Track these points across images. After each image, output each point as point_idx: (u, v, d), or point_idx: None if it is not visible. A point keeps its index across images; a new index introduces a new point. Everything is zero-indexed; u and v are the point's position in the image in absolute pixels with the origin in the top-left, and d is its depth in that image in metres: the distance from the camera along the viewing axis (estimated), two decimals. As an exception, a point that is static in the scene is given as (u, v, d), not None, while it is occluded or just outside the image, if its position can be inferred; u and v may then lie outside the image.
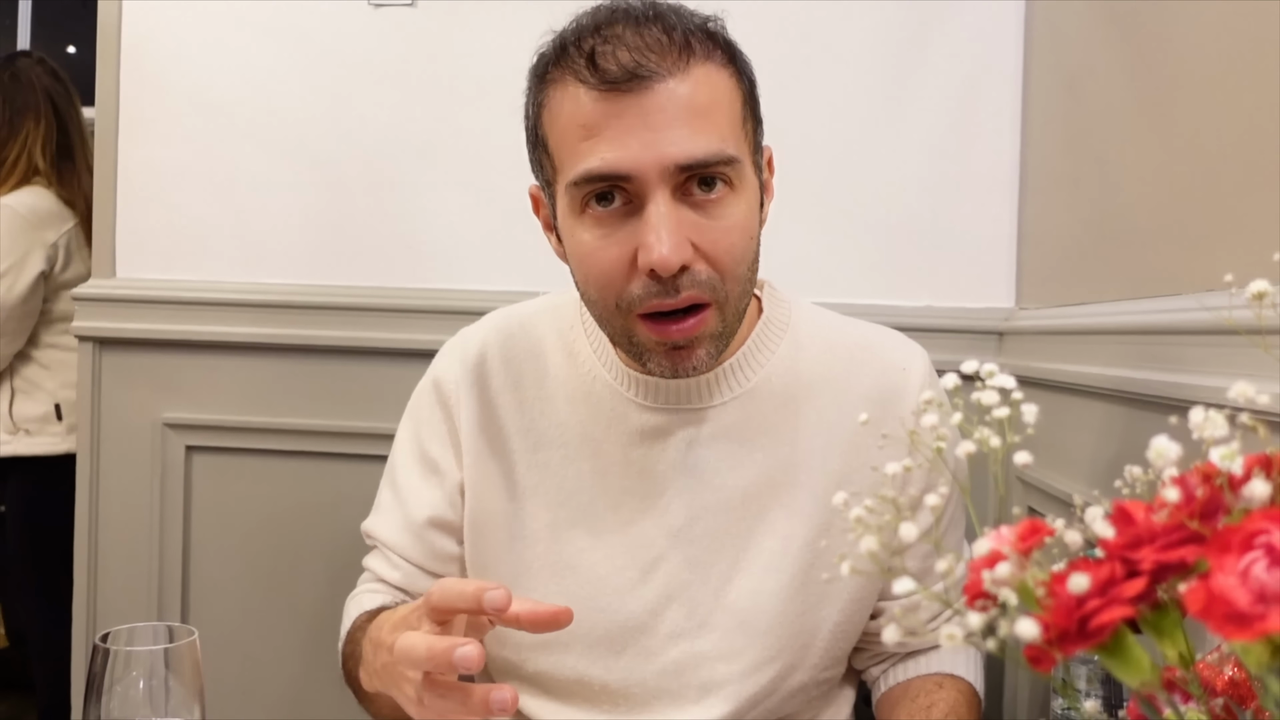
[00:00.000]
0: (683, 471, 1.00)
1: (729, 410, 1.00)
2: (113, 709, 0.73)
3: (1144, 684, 0.38)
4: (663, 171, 0.85)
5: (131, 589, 1.70)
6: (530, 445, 1.03)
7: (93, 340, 1.70)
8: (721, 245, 0.89)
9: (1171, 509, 0.36)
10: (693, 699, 0.99)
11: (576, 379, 1.03)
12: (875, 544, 0.40)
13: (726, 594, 0.99)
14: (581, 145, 0.87)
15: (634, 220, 0.88)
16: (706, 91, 0.87)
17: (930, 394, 1.02)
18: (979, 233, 1.56)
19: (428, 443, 1.06)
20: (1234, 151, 0.94)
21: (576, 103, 0.87)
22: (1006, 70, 1.55)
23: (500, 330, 1.08)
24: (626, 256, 0.88)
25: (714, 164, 0.87)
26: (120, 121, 1.70)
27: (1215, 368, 0.91)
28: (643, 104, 0.85)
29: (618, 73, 0.85)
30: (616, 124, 0.85)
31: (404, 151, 1.65)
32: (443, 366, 1.08)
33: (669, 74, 0.85)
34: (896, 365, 1.04)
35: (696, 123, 0.86)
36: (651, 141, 0.85)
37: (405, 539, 1.06)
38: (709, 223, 0.88)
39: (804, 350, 1.04)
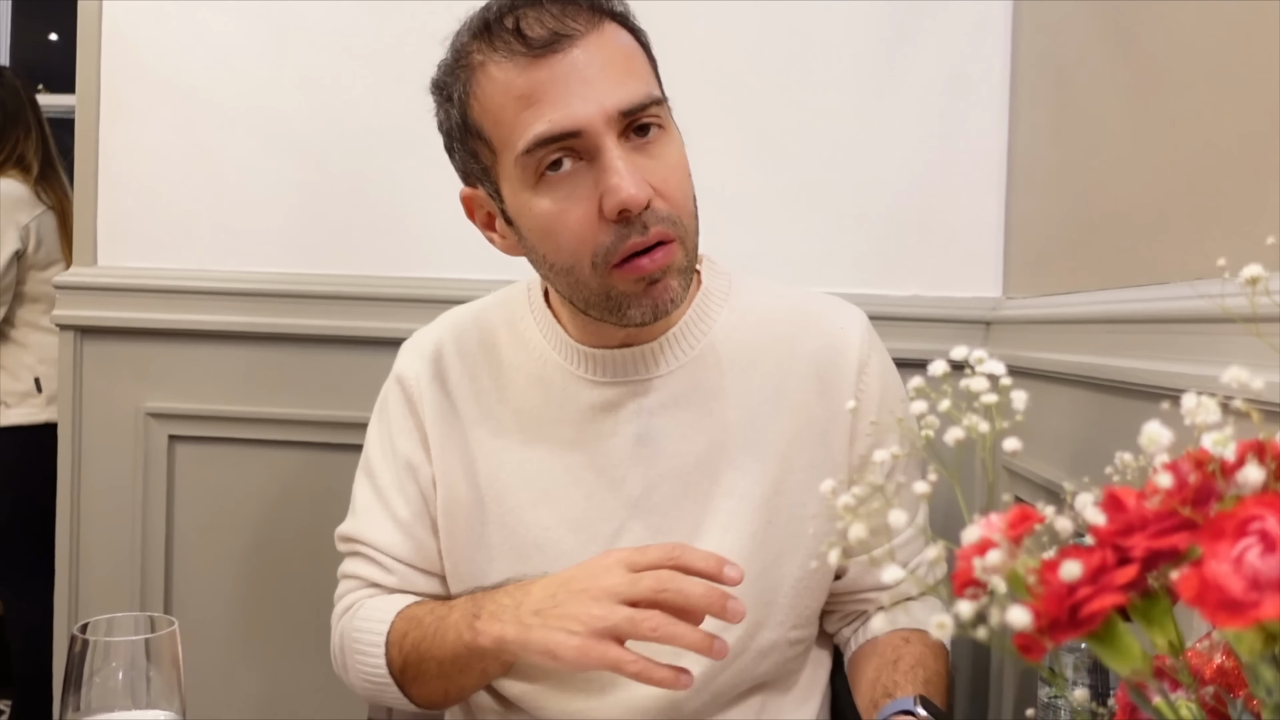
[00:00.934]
0: (636, 442, 1.03)
1: (676, 378, 1.04)
2: (92, 700, 0.72)
3: (1135, 672, 0.38)
4: (607, 119, 0.89)
5: (113, 579, 1.69)
6: (490, 432, 1.06)
7: (74, 329, 1.68)
8: (672, 182, 0.94)
9: (1164, 495, 0.36)
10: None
11: (528, 363, 1.06)
12: (864, 531, 0.39)
13: None
14: (524, 114, 0.90)
15: (590, 175, 0.91)
16: (623, 44, 0.94)
17: (871, 353, 1.05)
18: (966, 223, 1.56)
19: (399, 440, 1.08)
20: (1220, 142, 0.94)
21: (509, 76, 0.91)
22: (994, 62, 1.54)
23: (454, 326, 1.12)
24: (593, 210, 0.91)
25: (648, 105, 0.92)
26: (101, 108, 1.68)
27: (1203, 355, 0.92)
28: (573, 62, 0.89)
29: (546, 36, 0.89)
30: (553, 86, 0.89)
31: (388, 140, 1.64)
32: (404, 365, 1.10)
33: (588, 30, 0.90)
34: (836, 326, 1.08)
35: (623, 72, 0.92)
36: (590, 95, 0.89)
37: (396, 538, 1.07)
38: (654, 163, 0.93)
39: (745, 317, 1.07)
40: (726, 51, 1.57)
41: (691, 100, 1.59)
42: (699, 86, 1.56)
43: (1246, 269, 0.44)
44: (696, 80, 1.56)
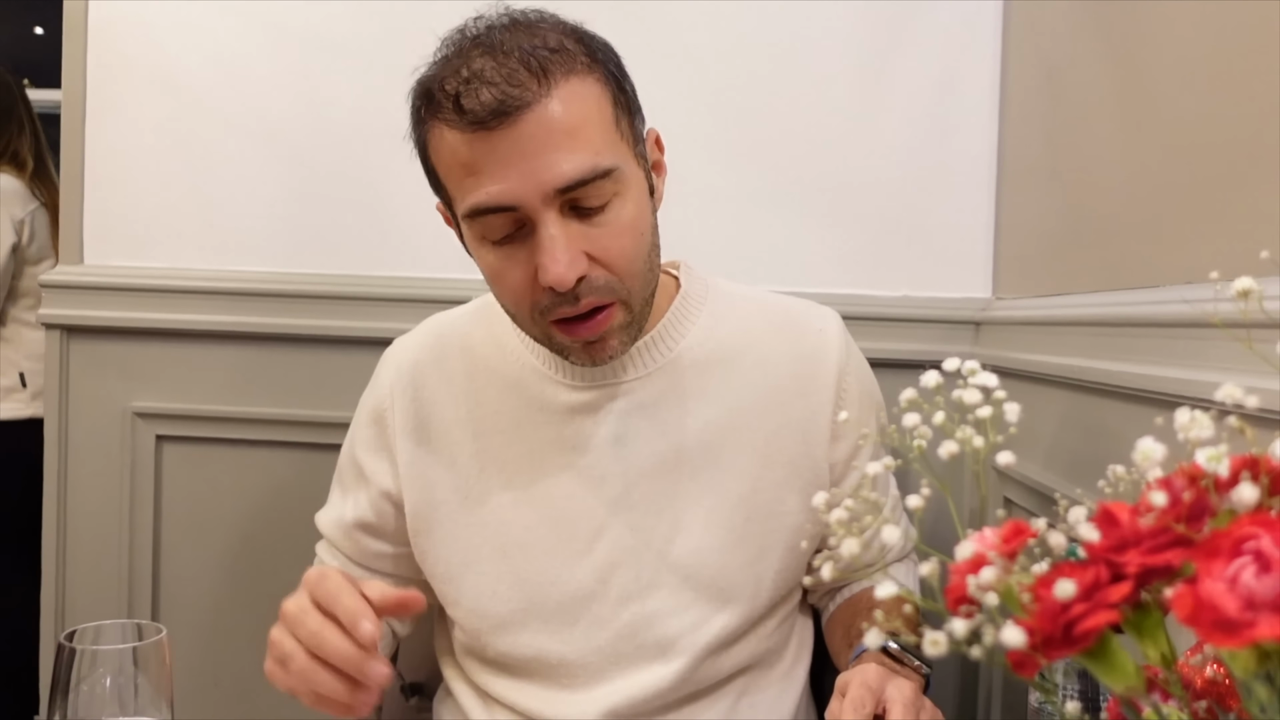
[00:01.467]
0: (615, 443, 1.05)
1: (652, 381, 1.06)
2: (78, 708, 0.72)
3: (1129, 689, 0.38)
4: (544, 196, 0.89)
5: (100, 580, 1.68)
6: (470, 435, 1.07)
7: (60, 328, 1.67)
8: (614, 250, 0.93)
9: (1158, 513, 0.36)
10: (650, 658, 1.03)
11: (506, 367, 1.08)
12: (856, 546, 0.39)
13: (670, 553, 1.04)
14: (466, 181, 0.91)
15: (528, 241, 0.92)
16: (574, 108, 0.89)
17: (849, 354, 1.06)
18: (956, 223, 1.56)
19: (359, 449, 1.12)
20: (1211, 145, 0.94)
21: (452, 144, 0.91)
22: (985, 62, 1.54)
23: (432, 333, 1.14)
24: (529, 275, 0.93)
25: (591, 180, 0.90)
26: (87, 105, 1.66)
27: (1191, 360, 0.92)
28: (513, 135, 0.88)
29: (483, 112, 0.87)
30: (492, 159, 0.89)
31: (377, 138, 1.63)
32: (381, 379, 1.13)
33: (534, 100, 0.87)
34: (814, 328, 1.11)
35: (568, 143, 0.89)
36: (529, 170, 0.88)
37: (338, 535, 1.13)
38: (598, 231, 0.92)
39: (722, 320, 1.09)
40: (714, 51, 1.57)
41: (678, 101, 1.59)
42: (686, 86, 1.56)
43: (1239, 281, 0.44)
44: (683, 80, 1.56)
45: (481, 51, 0.89)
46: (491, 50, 0.89)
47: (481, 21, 0.95)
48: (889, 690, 0.85)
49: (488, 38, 0.91)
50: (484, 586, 1.05)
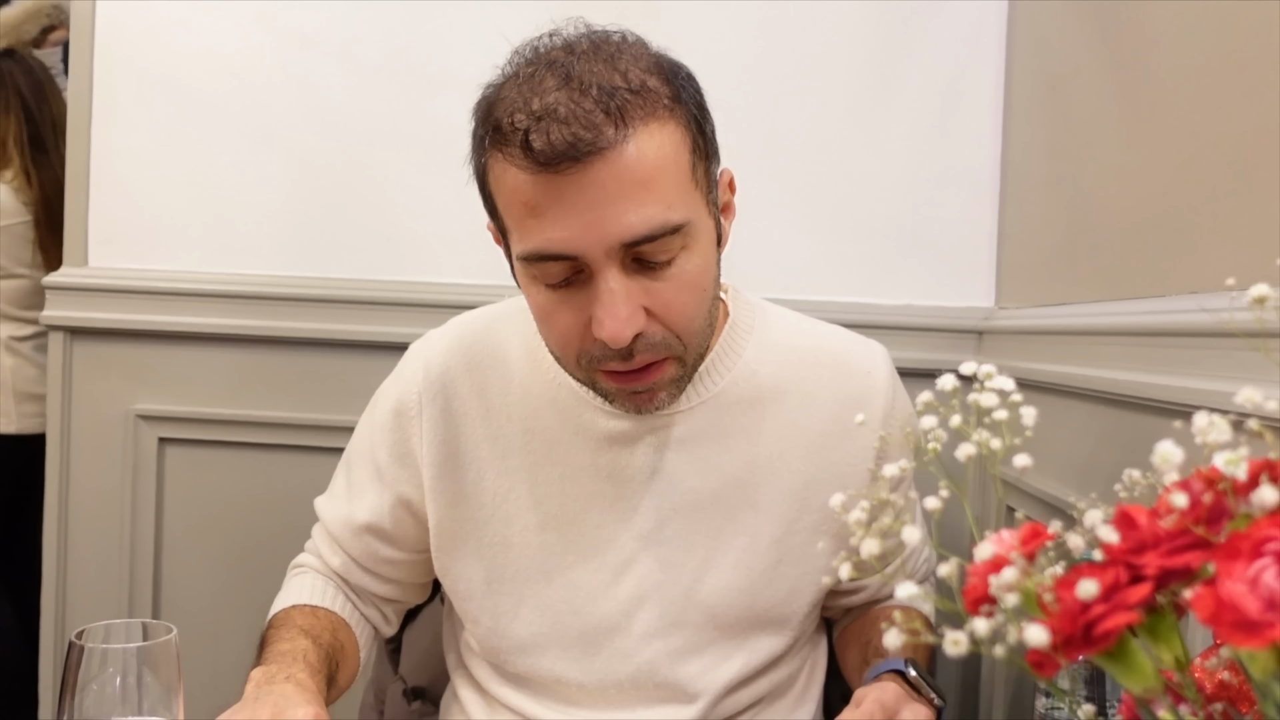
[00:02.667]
0: (651, 475, 1.01)
1: (695, 415, 1.01)
2: (87, 707, 0.72)
3: (1147, 690, 0.38)
4: (608, 249, 0.84)
5: (102, 583, 1.68)
6: (499, 453, 1.03)
7: (63, 330, 1.67)
8: (674, 307, 0.88)
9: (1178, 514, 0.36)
10: (669, 698, 1.01)
11: (541, 385, 1.03)
12: (877, 546, 0.40)
13: (697, 592, 1.01)
14: (526, 222, 0.85)
15: (585, 287, 0.87)
16: (649, 156, 0.83)
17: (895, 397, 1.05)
18: (959, 232, 1.56)
19: (378, 449, 1.07)
20: (1215, 153, 0.95)
21: (516, 181, 0.85)
22: (988, 70, 1.55)
23: (464, 338, 1.07)
24: (581, 321, 0.88)
25: (660, 235, 0.85)
26: (93, 109, 1.67)
27: (1197, 369, 0.92)
28: (581, 181, 0.82)
29: (552, 154, 0.81)
30: (557, 204, 0.83)
31: (381, 142, 1.63)
32: (406, 377, 1.07)
33: (607, 146, 0.81)
34: (862, 369, 1.05)
35: (639, 194, 0.83)
36: (595, 221, 0.83)
37: (346, 535, 1.09)
38: (660, 285, 0.87)
39: (768, 354, 1.04)
40: (718, 58, 1.57)
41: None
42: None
43: (1254, 289, 0.44)
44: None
45: (557, 82, 0.83)
46: (567, 82, 0.82)
47: (558, 39, 0.88)
48: (904, 713, 0.85)
49: (565, 65, 0.84)
50: (506, 608, 1.02)
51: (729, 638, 1.02)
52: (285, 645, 0.98)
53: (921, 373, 1.42)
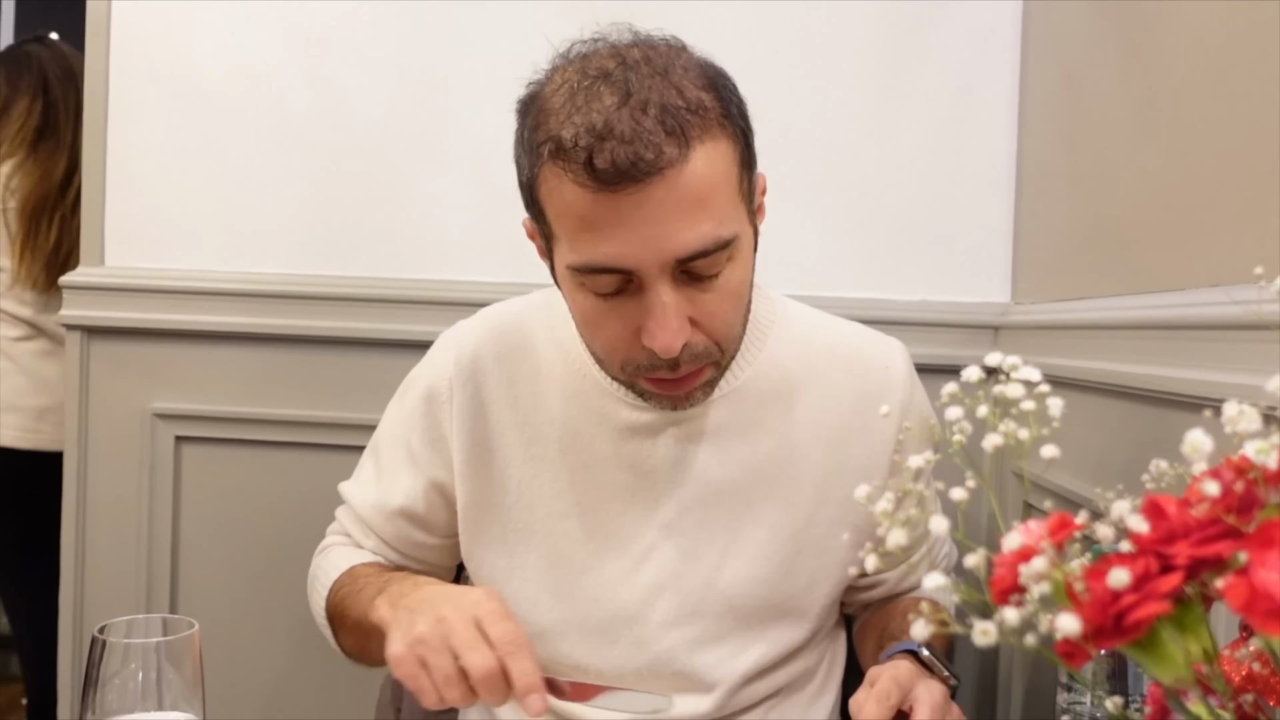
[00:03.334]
0: (673, 466, 1.03)
1: (717, 408, 1.03)
2: (109, 702, 0.72)
3: (1178, 680, 0.38)
4: (663, 265, 0.86)
5: (119, 581, 1.68)
6: (524, 440, 1.05)
7: (81, 329, 1.68)
8: (717, 316, 0.91)
9: (1210, 503, 0.36)
10: (687, 687, 1.02)
11: (568, 375, 1.05)
12: (904, 537, 0.40)
13: (716, 582, 1.03)
14: (581, 235, 0.87)
15: (635, 298, 0.89)
16: (705, 175, 0.85)
17: (913, 391, 1.05)
18: (975, 227, 1.56)
19: (410, 434, 1.08)
20: (1232, 147, 0.94)
21: (572, 196, 0.85)
22: (1003, 65, 1.54)
23: (494, 328, 1.09)
24: (629, 330, 0.90)
25: (712, 252, 0.87)
26: (109, 108, 1.67)
27: (1218, 361, 0.91)
28: (639, 199, 0.83)
29: (614, 173, 0.82)
30: (613, 220, 0.84)
31: (397, 140, 1.63)
32: (437, 364, 1.08)
33: (667, 166, 0.83)
34: (879, 364, 1.08)
35: (695, 212, 0.85)
36: (651, 237, 0.84)
37: (378, 519, 1.09)
38: (705, 296, 0.90)
39: (789, 348, 1.06)
40: (734, 54, 1.56)
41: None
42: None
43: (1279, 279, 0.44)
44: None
45: (617, 99, 0.83)
46: (626, 99, 0.83)
47: (603, 44, 0.90)
48: (918, 690, 0.85)
49: (621, 79, 0.84)
50: (527, 594, 1.04)
51: (747, 628, 1.03)
52: (386, 576, 1.01)
53: (938, 369, 1.41)
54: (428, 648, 0.82)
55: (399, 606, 0.90)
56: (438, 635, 0.82)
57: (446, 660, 0.81)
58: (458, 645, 0.81)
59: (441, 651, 0.82)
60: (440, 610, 0.84)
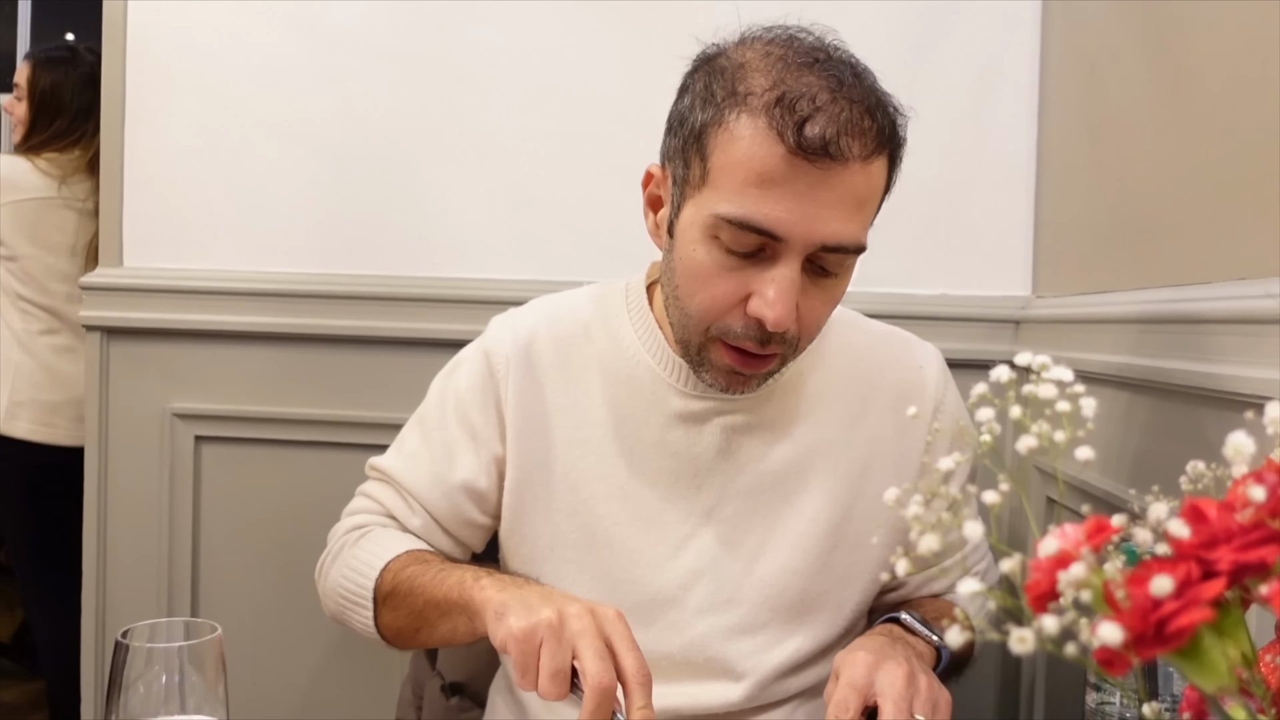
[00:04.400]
0: (718, 456, 1.04)
1: (763, 400, 1.05)
2: (133, 706, 0.72)
3: (1221, 689, 0.37)
4: (809, 245, 0.89)
5: (140, 581, 1.69)
6: (572, 423, 1.06)
7: (100, 330, 1.68)
8: (816, 313, 0.95)
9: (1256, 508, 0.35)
10: (718, 675, 1.03)
11: (619, 362, 1.07)
12: (936, 543, 0.39)
13: (754, 571, 1.04)
14: (751, 189, 0.89)
15: (758, 266, 0.91)
16: (874, 182, 0.92)
17: (945, 393, 1.05)
18: (995, 221, 1.55)
19: (470, 409, 1.08)
20: (1256, 139, 0.93)
21: (763, 150, 0.88)
22: (1024, 58, 1.53)
23: (548, 313, 1.11)
24: (738, 293, 0.92)
25: (849, 252, 0.92)
26: (126, 109, 1.68)
27: (1238, 356, 0.91)
28: (823, 179, 0.87)
29: (817, 146, 0.86)
30: (792, 188, 0.88)
31: (414, 139, 1.63)
32: (494, 339, 1.10)
33: (856, 160, 0.88)
34: (915, 364, 1.11)
35: (855, 211, 0.90)
36: (814, 216, 0.88)
37: (434, 494, 1.08)
38: (816, 292, 0.94)
39: (833, 346, 1.09)
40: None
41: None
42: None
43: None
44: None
45: (830, 86, 0.88)
46: (840, 87, 0.88)
47: (806, 35, 0.95)
48: (878, 683, 0.85)
49: (833, 69, 0.90)
50: (565, 575, 1.05)
51: (783, 621, 1.04)
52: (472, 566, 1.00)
53: (960, 363, 1.40)
54: (552, 633, 0.83)
55: (520, 589, 0.90)
56: (567, 629, 0.83)
57: (565, 654, 0.82)
58: (587, 650, 0.82)
59: (564, 645, 0.83)
60: (570, 609, 0.85)
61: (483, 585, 0.93)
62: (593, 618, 0.84)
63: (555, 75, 1.60)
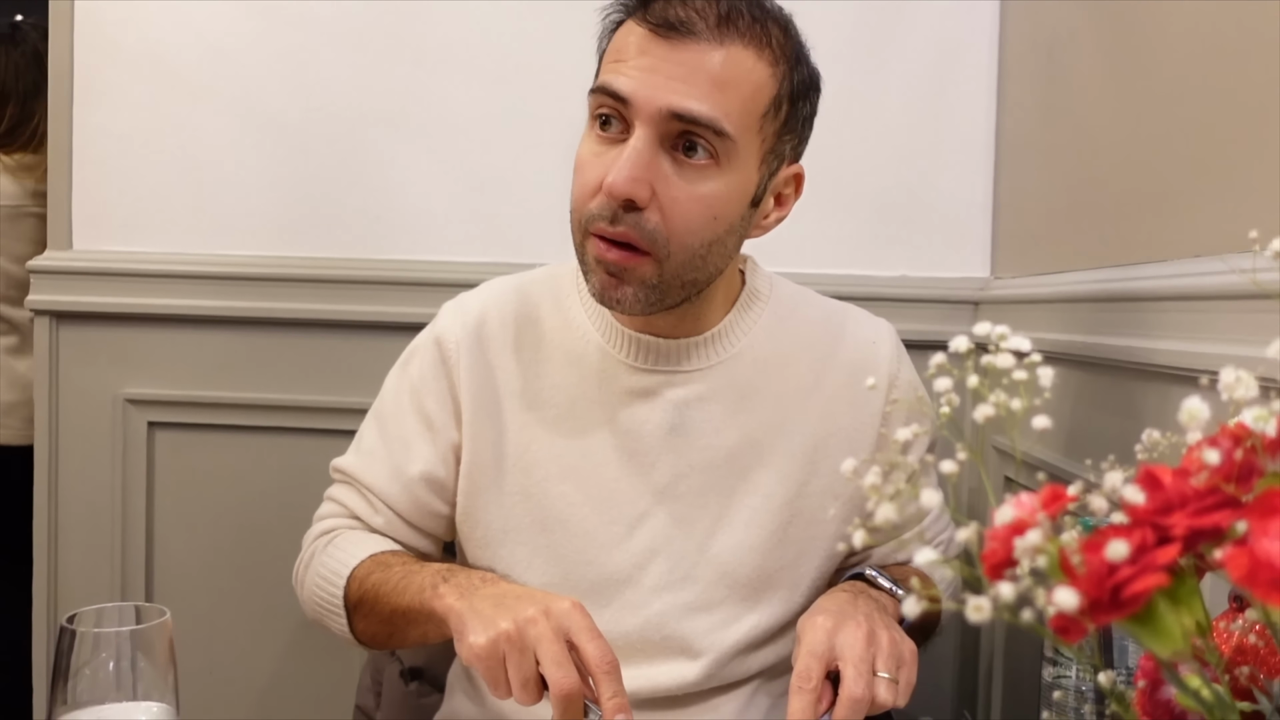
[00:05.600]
0: (669, 431, 1.04)
1: (714, 373, 1.05)
2: (80, 693, 0.70)
3: (1175, 654, 0.37)
4: (654, 111, 0.91)
5: (93, 569, 1.66)
6: (524, 405, 1.06)
7: (49, 314, 1.65)
8: (680, 206, 0.94)
9: (1210, 472, 0.35)
10: (675, 653, 1.03)
11: (570, 341, 1.07)
12: (894, 512, 0.38)
13: (709, 548, 1.04)
14: (611, 64, 0.95)
15: (619, 149, 0.93)
16: (729, 71, 0.92)
17: (900, 367, 1.06)
18: (954, 203, 1.56)
19: (425, 398, 1.07)
20: (1213, 117, 0.94)
21: (626, 35, 0.95)
22: (983, 39, 1.54)
23: (498, 295, 1.11)
24: (600, 176, 0.94)
25: (701, 125, 0.92)
26: (75, 88, 1.64)
27: (1193, 333, 0.91)
28: (671, 54, 0.92)
29: (661, 18, 0.92)
30: (642, 60, 0.93)
31: (371, 119, 1.61)
32: (444, 325, 1.09)
33: (704, 39, 0.92)
34: (868, 339, 1.11)
35: (706, 89, 0.91)
36: (659, 84, 0.91)
37: (394, 489, 1.07)
38: (679, 182, 0.93)
39: (783, 321, 1.09)
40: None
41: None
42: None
43: (1275, 242, 0.43)
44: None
45: None
46: None
47: None
48: (838, 645, 0.86)
49: None
50: (520, 557, 1.04)
51: (740, 598, 1.04)
52: (434, 566, 1.00)
53: (919, 344, 1.41)
54: (512, 646, 0.83)
55: (475, 597, 0.90)
56: (525, 638, 0.83)
57: (529, 663, 0.83)
58: (545, 657, 0.82)
59: (526, 654, 0.83)
60: (527, 612, 0.84)
61: (441, 594, 0.92)
62: (548, 619, 0.84)
63: (515, 56, 1.59)
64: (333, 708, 1.63)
